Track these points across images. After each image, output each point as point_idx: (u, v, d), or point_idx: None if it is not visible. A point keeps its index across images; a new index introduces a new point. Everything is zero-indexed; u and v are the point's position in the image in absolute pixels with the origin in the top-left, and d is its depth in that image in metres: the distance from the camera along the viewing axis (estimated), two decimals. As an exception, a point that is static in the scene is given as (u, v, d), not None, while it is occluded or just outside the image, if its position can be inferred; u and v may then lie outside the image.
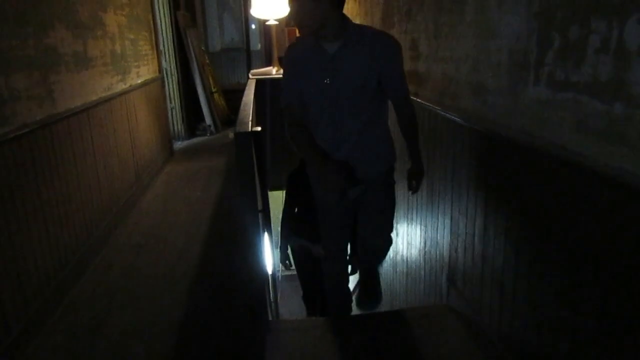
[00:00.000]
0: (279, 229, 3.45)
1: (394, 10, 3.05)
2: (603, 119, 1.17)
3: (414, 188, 2.15)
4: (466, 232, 2.07)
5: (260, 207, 2.28)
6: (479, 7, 1.83)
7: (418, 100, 2.55)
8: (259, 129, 2.22)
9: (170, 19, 6.12)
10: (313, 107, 1.94)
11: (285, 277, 6.09)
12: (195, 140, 6.53)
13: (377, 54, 1.83)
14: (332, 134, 1.96)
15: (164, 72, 5.71)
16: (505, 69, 1.65)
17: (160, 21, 5.84)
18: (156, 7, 5.43)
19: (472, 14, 1.90)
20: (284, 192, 3.29)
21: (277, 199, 4.34)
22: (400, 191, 2.32)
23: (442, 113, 2.26)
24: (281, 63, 5.18)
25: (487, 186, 1.84)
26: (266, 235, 2.52)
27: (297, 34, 5.47)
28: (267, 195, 2.87)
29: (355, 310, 2.68)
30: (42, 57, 2.54)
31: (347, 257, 2.54)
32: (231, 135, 6.25)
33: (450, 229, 2.26)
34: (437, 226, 2.45)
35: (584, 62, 1.22)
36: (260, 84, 4.60)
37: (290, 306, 5.35)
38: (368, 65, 1.84)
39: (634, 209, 1.08)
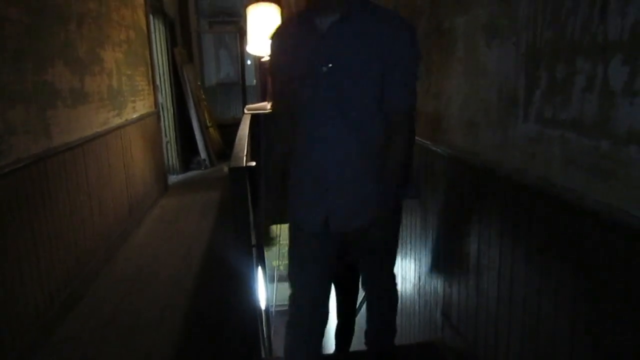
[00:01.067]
0: None
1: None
2: (591, 156, 1.20)
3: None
4: (460, 267, 2.06)
5: (254, 241, 2.28)
6: (468, 46, 1.89)
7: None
8: (253, 163, 2.23)
9: (168, 55, 6.23)
10: (307, 109, 1.48)
11: (279, 313, 6.01)
12: (190, 174, 6.54)
13: (384, 39, 1.40)
14: (322, 153, 1.47)
15: (160, 106, 5.77)
16: (495, 106, 1.68)
17: (158, 57, 5.94)
18: (154, 43, 5.53)
19: (462, 53, 1.95)
20: None
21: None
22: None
23: (434, 148, 2.29)
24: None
25: (480, 221, 1.85)
26: (260, 270, 2.51)
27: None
28: (261, 230, 2.87)
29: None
30: (40, 93, 2.57)
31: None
32: (226, 169, 6.28)
33: (445, 264, 2.26)
34: (431, 261, 2.45)
35: (571, 100, 1.25)
36: (255, 119, 4.65)
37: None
38: (373, 50, 1.40)
39: (620, 243, 1.09)
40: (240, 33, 7.01)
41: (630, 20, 1.03)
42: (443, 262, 2.28)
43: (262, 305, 3.06)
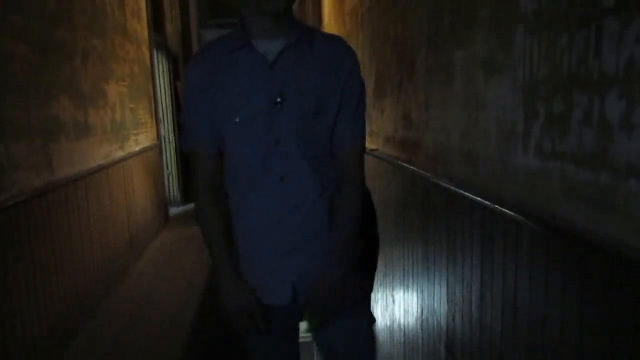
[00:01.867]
0: None
1: (387, 81, 3.17)
2: (591, 188, 1.20)
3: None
4: (463, 300, 2.04)
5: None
6: (466, 80, 1.92)
7: (412, 168, 2.60)
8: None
9: (170, 88, 6.32)
10: (246, 151, 1.25)
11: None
12: (191, 205, 6.54)
13: (337, 67, 1.25)
14: (279, 201, 1.26)
15: (162, 139, 5.82)
16: (494, 139, 1.70)
17: (161, 91, 6.03)
18: (157, 77, 5.62)
19: (461, 86, 1.98)
20: None
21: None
22: (397, 251, 2.31)
23: (435, 180, 2.30)
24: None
25: (482, 253, 1.85)
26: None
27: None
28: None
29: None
30: (44, 127, 2.60)
31: None
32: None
33: (448, 297, 2.24)
34: (434, 293, 2.42)
35: (569, 133, 1.27)
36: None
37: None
38: (327, 80, 1.25)
39: (621, 274, 1.08)
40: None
41: (625, 57, 1.05)
42: (446, 295, 2.26)
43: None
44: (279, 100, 1.20)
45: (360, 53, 3.87)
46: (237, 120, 1.23)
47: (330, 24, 5.00)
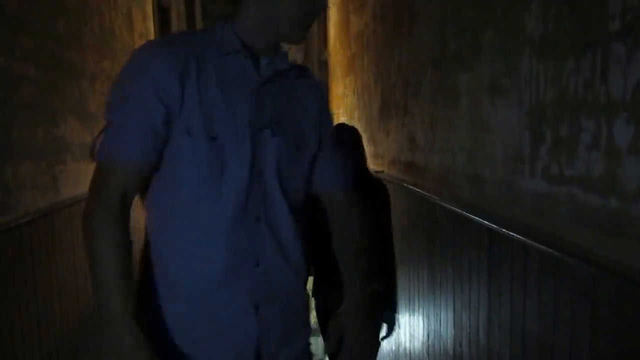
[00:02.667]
0: None
1: (392, 103, 3.18)
2: (600, 213, 1.19)
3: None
4: (470, 325, 2.01)
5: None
6: (472, 103, 1.92)
7: (417, 190, 2.60)
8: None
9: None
10: (214, 179, 1.00)
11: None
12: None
13: (310, 100, 1.16)
14: (247, 247, 1.04)
15: (168, 159, 5.84)
16: (501, 161, 1.70)
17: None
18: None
19: (466, 109, 1.98)
20: None
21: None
22: (402, 274, 2.29)
23: (441, 203, 2.29)
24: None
25: (489, 277, 1.82)
26: None
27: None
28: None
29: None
30: (50, 147, 2.61)
31: None
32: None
33: (454, 321, 2.21)
34: (440, 318, 2.39)
35: (577, 157, 1.26)
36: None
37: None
38: (305, 113, 1.15)
39: (631, 299, 1.06)
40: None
41: (632, 81, 1.05)
42: (452, 319, 2.23)
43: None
44: (265, 126, 1.05)
45: (366, 75, 3.91)
46: (215, 137, 0.99)
47: (335, 46, 5.05)
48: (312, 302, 1.20)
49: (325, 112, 1.20)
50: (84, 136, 3.07)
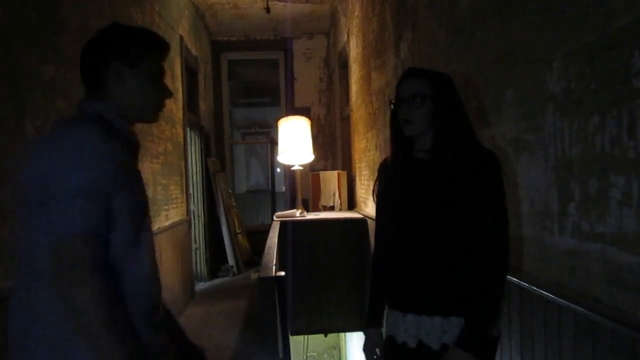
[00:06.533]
0: None
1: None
2: (636, 272, 1.15)
3: None
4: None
5: (281, 354, 2.19)
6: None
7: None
8: (282, 273, 2.22)
9: (201, 165, 6.49)
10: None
11: None
12: (217, 281, 6.49)
13: None
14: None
15: (192, 214, 5.90)
16: (529, 218, 1.66)
17: (192, 167, 6.19)
18: (189, 154, 5.80)
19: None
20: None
21: (297, 344, 4.16)
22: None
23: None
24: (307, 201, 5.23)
25: (520, 337, 1.75)
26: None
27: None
28: (288, 341, 2.76)
29: None
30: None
31: None
32: (253, 276, 6.22)
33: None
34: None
35: (608, 214, 1.23)
36: (284, 226, 4.69)
37: None
38: None
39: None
40: (272, 143, 7.32)
41: (661, 137, 1.04)
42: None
43: None
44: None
45: (388, 132, 3.94)
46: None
47: (357, 102, 5.15)
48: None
49: None
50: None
